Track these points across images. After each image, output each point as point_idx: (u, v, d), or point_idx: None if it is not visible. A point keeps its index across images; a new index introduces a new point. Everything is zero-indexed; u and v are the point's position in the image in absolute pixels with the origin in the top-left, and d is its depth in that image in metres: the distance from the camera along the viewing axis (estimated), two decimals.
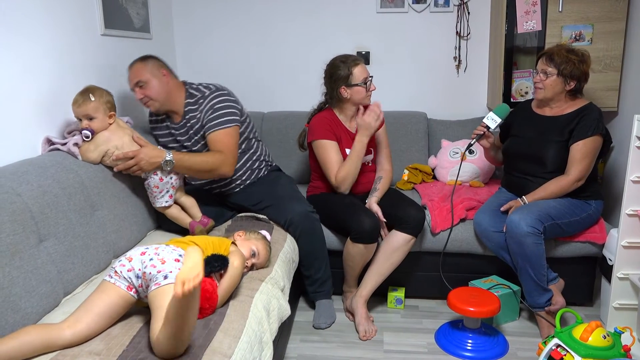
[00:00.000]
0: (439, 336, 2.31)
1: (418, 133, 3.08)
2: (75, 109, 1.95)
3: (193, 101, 2.32)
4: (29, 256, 1.54)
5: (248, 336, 1.50)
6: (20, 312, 1.46)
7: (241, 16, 3.27)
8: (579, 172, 2.26)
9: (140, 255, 1.50)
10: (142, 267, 1.47)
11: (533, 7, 2.71)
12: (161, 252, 1.50)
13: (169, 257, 1.49)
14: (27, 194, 1.59)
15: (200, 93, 2.33)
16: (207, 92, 2.32)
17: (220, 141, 2.26)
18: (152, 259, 1.47)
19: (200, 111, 2.29)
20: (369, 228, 2.27)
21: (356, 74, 2.38)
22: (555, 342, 1.93)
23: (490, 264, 2.50)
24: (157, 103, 2.27)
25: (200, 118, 2.30)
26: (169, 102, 2.30)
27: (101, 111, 1.96)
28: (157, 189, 2.11)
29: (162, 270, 1.44)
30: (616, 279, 2.19)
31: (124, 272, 1.49)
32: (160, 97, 2.26)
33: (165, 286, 1.41)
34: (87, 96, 1.94)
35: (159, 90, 2.25)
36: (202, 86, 2.36)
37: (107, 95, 2.00)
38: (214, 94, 2.31)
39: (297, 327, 2.42)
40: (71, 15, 2.15)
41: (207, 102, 2.29)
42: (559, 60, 2.26)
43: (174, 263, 1.47)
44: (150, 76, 2.22)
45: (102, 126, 1.97)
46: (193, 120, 2.32)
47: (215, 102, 2.29)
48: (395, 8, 3.16)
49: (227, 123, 2.28)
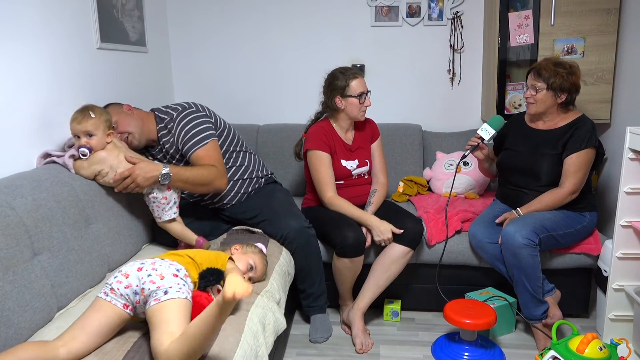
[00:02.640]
0: (435, 349, 2.30)
1: (413, 145, 3.10)
2: (75, 126, 1.92)
3: (163, 125, 2.28)
4: (23, 270, 1.52)
5: (243, 350, 1.49)
6: (13, 327, 1.44)
7: (236, 30, 3.29)
8: (573, 185, 2.27)
9: (137, 272, 1.48)
10: (140, 283, 1.46)
11: (525, 21, 2.74)
12: (159, 268, 1.49)
13: (167, 272, 1.48)
14: (22, 208, 1.58)
15: (169, 116, 2.27)
16: (174, 115, 2.26)
17: (203, 158, 2.21)
18: (150, 274, 1.46)
19: (172, 135, 2.25)
20: (352, 242, 2.26)
21: (353, 86, 2.40)
22: (551, 354, 1.93)
23: (486, 275, 2.50)
24: (136, 135, 2.20)
25: (174, 142, 2.26)
26: (145, 132, 2.25)
27: (101, 129, 1.94)
28: (166, 200, 2.07)
29: (162, 286, 1.43)
30: (611, 291, 2.19)
31: (120, 288, 1.47)
32: (136, 129, 2.19)
33: (166, 301, 1.40)
34: (87, 113, 1.92)
35: (130, 122, 2.18)
36: (169, 109, 2.30)
37: (107, 114, 1.99)
38: (180, 115, 2.25)
39: (293, 340, 2.41)
40: (67, 28, 2.16)
41: (176, 125, 2.24)
42: (547, 74, 2.29)
43: (172, 278, 1.46)
44: (117, 116, 2.15)
45: (100, 144, 1.95)
46: (167, 145, 2.28)
47: (184, 124, 2.23)
48: (389, 21, 3.20)
49: (203, 140, 2.23)
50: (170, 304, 1.39)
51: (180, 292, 1.43)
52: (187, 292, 1.46)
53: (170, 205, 2.10)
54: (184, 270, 1.54)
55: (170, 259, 1.60)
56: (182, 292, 1.43)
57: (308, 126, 2.58)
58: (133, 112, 2.24)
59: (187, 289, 1.47)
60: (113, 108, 2.19)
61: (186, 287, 1.47)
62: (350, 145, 2.54)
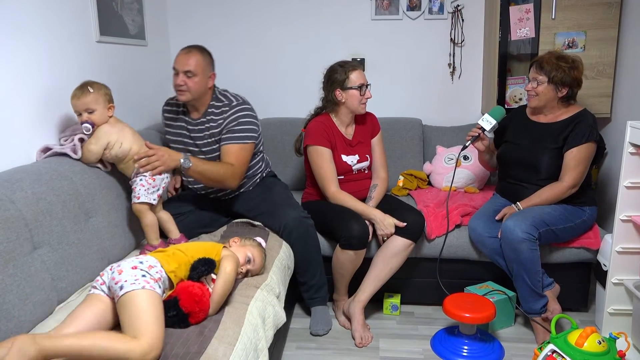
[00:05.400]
0: (434, 342, 2.31)
1: (413, 139, 3.09)
2: (75, 102, 1.94)
3: (219, 105, 2.35)
4: (23, 264, 1.53)
5: (243, 343, 1.50)
6: (14, 320, 1.45)
7: (236, 23, 3.28)
8: (573, 179, 2.27)
9: (109, 270, 1.50)
10: (108, 280, 1.48)
11: (526, 15, 2.73)
12: (122, 263, 1.50)
13: (127, 265, 1.48)
14: (21, 202, 1.58)
15: (228, 100, 2.36)
16: (234, 102, 2.35)
17: (234, 154, 2.28)
18: (113, 271, 1.47)
19: (224, 118, 2.31)
20: (357, 234, 2.27)
21: (352, 78, 2.40)
22: (550, 347, 1.93)
23: (486, 270, 2.51)
24: (190, 95, 2.28)
25: (222, 124, 2.31)
26: (198, 99, 2.33)
27: (100, 103, 1.95)
28: (153, 182, 2.02)
29: (119, 281, 1.43)
30: (611, 285, 2.20)
31: (97, 286, 1.51)
32: (197, 93, 2.29)
33: (122, 297, 1.39)
34: (86, 89, 1.93)
35: (200, 87, 2.28)
36: (230, 95, 2.39)
37: (105, 89, 2.00)
38: (240, 106, 2.34)
39: (293, 334, 2.41)
40: (66, 22, 2.15)
41: (232, 112, 2.31)
42: (549, 68, 2.28)
43: (130, 271, 1.45)
44: (202, 72, 2.26)
45: (102, 119, 1.96)
46: (213, 124, 2.33)
47: (241, 115, 2.31)
48: (389, 15, 3.18)
49: (245, 139, 2.30)
50: (125, 299, 1.39)
51: (135, 283, 1.41)
52: (146, 282, 1.43)
53: (154, 190, 2.04)
54: (150, 262, 1.52)
55: (154, 256, 1.58)
56: (138, 282, 1.41)
57: (307, 121, 2.58)
58: (210, 82, 2.33)
59: (147, 280, 1.44)
60: (207, 63, 2.30)
61: (146, 277, 1.45)
62: (351, 140, 2.54)
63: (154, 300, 1.41)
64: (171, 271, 1.56)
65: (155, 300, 1.41)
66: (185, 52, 2.28)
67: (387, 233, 2.34)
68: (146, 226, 2.05)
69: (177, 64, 2.27)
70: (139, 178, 2.03)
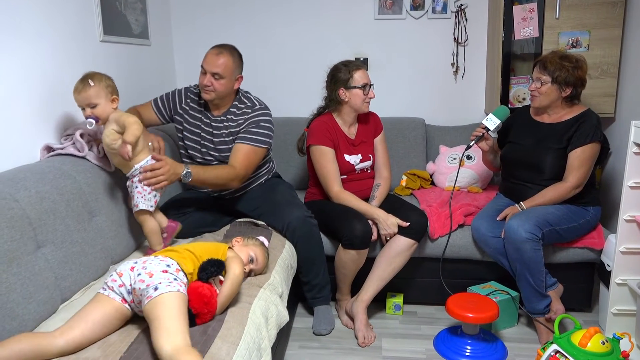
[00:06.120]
0: (437, 342, 2.31)
1: (416, 139, 3.09)
2: (77, 97, 1.88)
3: (241, 106, 2.37)
4: (27, 262, 1.53)
5: (246, 343, 1.50)
6: (18, 319, 1.45)
7: (239, 23, 3.28)
8: (577, 179, 2.27)
9: (130, 271, 1.50)
10: (133, 282, 1.47)
11: (530, 14, 2.72)
12: (149, 266, 1.49)
13: (156, 269, 1.48)
14: (25, 200, 1.58)
15: (250, 103, 2.39)
16: (257, 106, 2.38)
17: (244, 155, 2.28)
18: (140, 274, 1.47)
19: (245, 119, 2.33)
20: (360, 234, 2.27)
21: (356, 78, 2.40)
22: (554, 348, 1.93)
23: (489, 269, 2.50)
24: (214, 95, 2.29)
25: (241, 124, 2.33)
26: (222, 99, 2.34)
27: (103, 96, 1.88)
28: (148, 188, 1.95)
29: (151, 283, 1.43)
30: (614, 285, 2.19)
31: (115, 287, 1.49)
32: (222, 94, 2.31)
33: (158, 297, 1.40)
34: (87, 82, 1.87)
35: (226, 89, 2.29)
36: (254, 98, 2.43)
37: (107, 80, 1.93)
38: (263, 111, 2.37)
39: (296, 333, 2.41)
40: (70, 21, 2.16)
41: (253, 114, 2.34)
42: (552, 67, 2.27)
43: (161, 274, 1.46)
44: (229, 75, 2.27)
45: (105, 112, 1.90)
46: (232, 123, 2.35)
47: (262, 120, 2.34)
48: (393, 14, 3.18)
49: (260, 143, 2.32)
50: (161, 299, 1.39)
51: (170, 286, 1.43)
52: (179, 286, 1.45)
53: (151, 197, 1.97)
54: (175, 265, 1.53)
55: (163, 255, 1.59)
56: (173, 285, 1.43)
57: (310, 120, 2.58)
58: (237, 86, 2.36)
59: (179, 283, 1.47)
60: (237, 67, 2.31)
61: (178, 281, 1.47)
62: (353, 140, 2.54)
63: (184, 303, 1.45)
64: (189, 273, 1.57)
65: (186, 304, 1.46)
66: (215, 52, 2.26)
67: (390, 233, 2.34)
68: (148, 232, 2.02)
69: (206, 64, 2.26)
70: (132, 184, 1.97)
